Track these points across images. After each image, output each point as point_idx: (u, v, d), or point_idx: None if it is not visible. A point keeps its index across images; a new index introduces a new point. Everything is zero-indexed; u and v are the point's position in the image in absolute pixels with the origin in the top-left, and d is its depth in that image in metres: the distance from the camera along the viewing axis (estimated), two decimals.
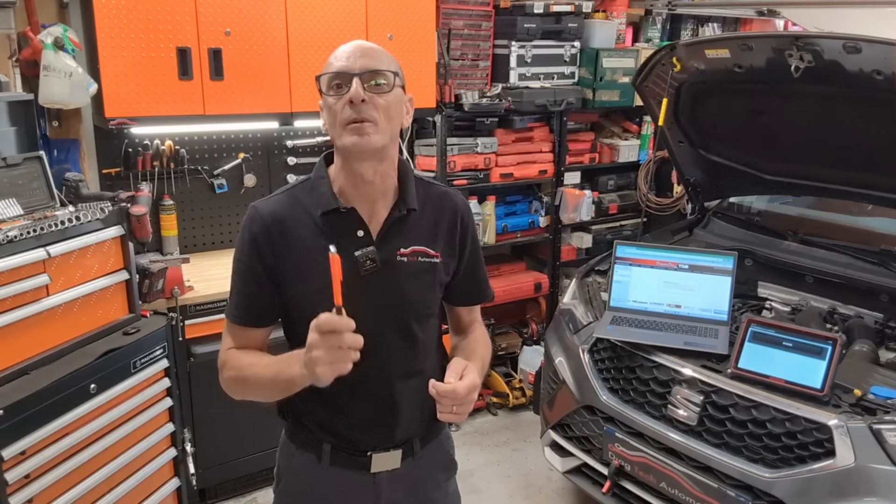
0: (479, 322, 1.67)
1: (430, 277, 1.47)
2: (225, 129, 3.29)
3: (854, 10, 3.53)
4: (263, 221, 1.40)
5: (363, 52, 1.35)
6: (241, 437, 2.96)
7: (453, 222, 1.51)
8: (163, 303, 2.73)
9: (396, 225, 1.43)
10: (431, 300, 1.49)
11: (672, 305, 2.66)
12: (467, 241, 1.54)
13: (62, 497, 2.11)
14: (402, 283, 1.43)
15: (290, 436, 1.55)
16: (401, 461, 1.50)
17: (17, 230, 2.03)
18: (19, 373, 2.06)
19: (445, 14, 3.49)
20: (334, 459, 1.48)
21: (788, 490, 2.05)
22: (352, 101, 1.31)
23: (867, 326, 2.53)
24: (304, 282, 1.39)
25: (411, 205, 1.44)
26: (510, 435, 3.69)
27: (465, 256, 1.54)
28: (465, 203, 1.55)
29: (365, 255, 1.38)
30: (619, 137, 4.20)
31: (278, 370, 1.36)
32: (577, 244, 4.15)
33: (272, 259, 1.40)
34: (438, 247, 1.47)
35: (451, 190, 1.56)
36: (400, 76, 1.39)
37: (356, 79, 1.31)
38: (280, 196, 1.46)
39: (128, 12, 2.69)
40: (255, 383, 1.40)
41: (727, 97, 2.86)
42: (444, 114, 3.49)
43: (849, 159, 2.68)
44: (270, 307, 1.44)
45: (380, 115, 1.33)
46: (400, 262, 1.43)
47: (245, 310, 1.44)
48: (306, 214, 1.41)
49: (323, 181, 1.43)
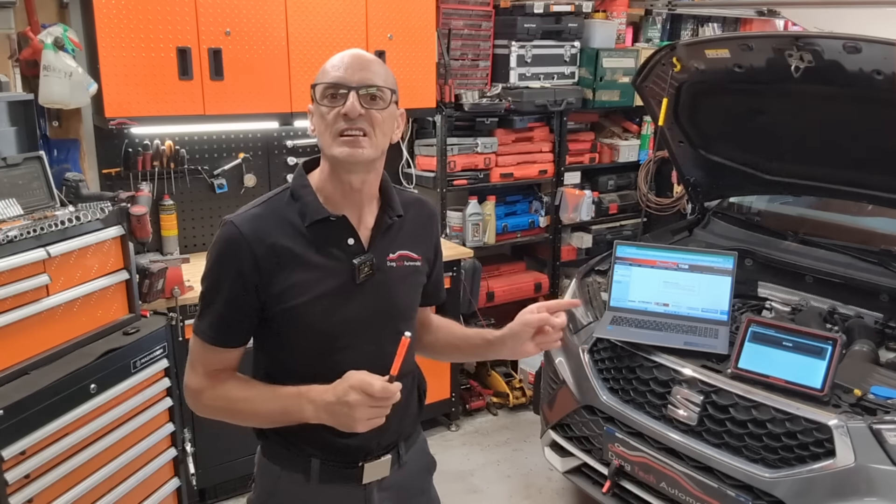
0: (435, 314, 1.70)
1: (415, 280, 1.49)
2: (225, 129, 3.29)
3: (854, 10, 3.53)
4: (245, 238, 1.32)
5: (361, 65, 1.32)
6: (241, 437, 2.91)
7: (429, 227, 1.55)
8: (163, 303, 2.73)
9: (384, 231, 1.43)
10: (416, 303, 1.52)
11: (672, 305, 2.66)
12: (438, 244, 1.58)
13: (62, 497, 2.11)
14: (393, 288, 1.43)
15: (271, 456, 1.47)
16: (389, 468, 1.48)
17: (17, 230, 2.03)
18: (19, 373, 2.06)
19: (445, 14, 3.49)
20: (324, 476, 1.42)
21: (788, 490, 2.05)
22: (347, 114, 1.29)
23: (867, 326, 2.53)
24: (294, 296, 1.34)
25: (398, 211, 1.45)
26: (510, 435, 3.69)
27: (437, 259, 1.57)
28: (435, 209, 1.60)
29: (363, 261, 1.38)
30: (619, 137, 4.21)
31: (284, 410, 1.32)
32: (577, 244, 4.15)
33: (257, 277, 1.33)
34: (419, 250, 1.49)
35: (422, 197, 1.59)
36: (396, 92, 1.37)
37: (353, 93, 1.29)
38: (257, 210, 1.38)
39: (128, 12, 2.69)
40: (250, 417, 1.38)
41: (727, 97, 2.86)
42: (444, 114, 3.49)
43: (849, 159, 2.68)
44: (250, 326, 1.38)
45: (374, 129, 1.32)
46: (390, 267, 1.43)
47: (223, 331, 1.37)
48: (290, 226, 1.36)
49: (306, 190, 1.39)
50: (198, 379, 1.39)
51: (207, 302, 1.37)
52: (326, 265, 1.36)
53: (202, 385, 1.38)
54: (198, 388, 1.39)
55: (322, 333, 1.37)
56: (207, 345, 1.38)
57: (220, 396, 1.37)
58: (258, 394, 1.36)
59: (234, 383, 1.38)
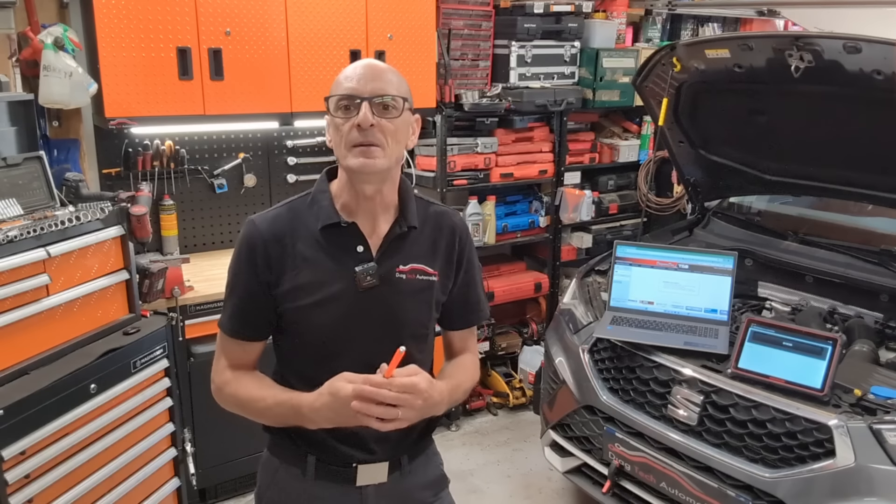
0: (471, 352, 1.62)
1: (428, 296, 1.46)
2: (225, 129, 3.29)
3: (854, 10, 3.53)
4: (262, 237, 1.39)
5: (374, 75, 1.33)
6: (241, 437, 2.95)
7: (451, 241, 1.50)
8: (163, 303, 2.73)
9: (396, 242, 1.42)
10: (427, 319, 1.48)
11: (672, 305, 2.66)
12: (463, 260, 1.52)
13: (62, 497, 2.11)
14: (399, 300, 1.42)
15: (274, 450, 1.53)
16: (388, 475, 1.47)
17: (17, 230, 2.03)
18: (19, 373, 2.06)
19: (445, 14, 3.49)
20: (319, 472, 1.45)
21: (788, 490, 2.05)
22: (360, 125, 1.30)
23: (867, 326, 2.53)
24: (300, 297, 1.38)
25: (412, 222, 1.43)
26: (510, 435, 3.69)
27: (461, 276, 1.52)
28: (464, 223, 1.55)
29: (365, 270, 1.38)
30: (619, 137, 4.20)
31: (284, 417, 1.38)
32: (577, 244, 4.15)
33: (269, 274, 1.39)
34: (436, 265, 1.47)
35: (449, 210, 1.55)
36: (409, 100, 1.38)
37: (365, 103, 1.31)
38: (279, 210, 1.44)
39: (128, 12, 2.69)
40: (258, 416, 1.43)
41: (727, 97, 2.86)
42: (444, 114, 3.49)
43: (849, 159, 2.68)
44: (266, 321, 1.43)
45: (387, 139, 1.33)
46: (399, 279, 1.42)
47: (240, 323, 1.44)
48: (305, 229, 1.40)
49: (324, 195, 1.42)
50: (221, 372, 1.46)
51: (228, 295, 1.45)
52: (334, 270, 1.38)
53: (225, 379, 1.45)
54: (221, 382, 1.46)
55: (323, 336, 1.40)
56: (228, 337, 1.45)
57: (235, 394, 1.43)
58: (265, 395, 1.40)
59: (249, 381, 1.44)
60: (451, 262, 1.50)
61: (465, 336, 1.60)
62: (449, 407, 1.44)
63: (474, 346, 1.63)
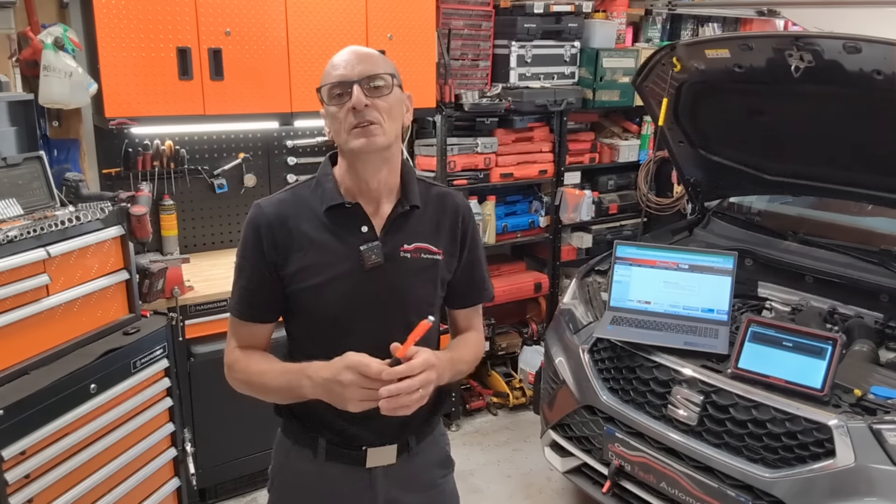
0: (476, 329, 1.65)
1: (433, 274, 1.49)
2: (225, 129, 3.29)
3: (854, 10, 3.53)
4: (267, 219, 1.42)
5: (359, 59, 1.37)
6: (241, 437, 2.96)
7: (455, 221, 1.53)
8: (163, 303, 2.73)
9: (400, 221, 1.45)
10: (433, 297, 1.50)
11: (672, 305, 2.66)
12: (467, 239, 1.55)
13: (62, 497, 2.11)
14: (405, 279, 1.45)
15: (286, 432, 1.56)
16: (396, 457, 1.51)
17: (17, 230, 2.03)
18: (19, 373, 2.06)
19: (445, 14, 3.49)
20: (330, 454, 1.49)
21: (788, 490, 2.05)
22: (355, 107, 1.33)
23: (867, 326, 2.53)
24: (307, 277, 1.41)
25: (414, 201, 1.46)
26: (510, 435, 3.69)
27: (465, 255, 1.55)
28: (466, 203, 1.58)
29: (370, 249, 1.41)
30: (619, 137, 4.20)
31: (287, 385, 1.39)
32: (577, 244, 4.15)
33: (275, 255, 1.41)
34: (440, 244, 1.49)
35: (452, 190, 1.59)
36: (397, 77, 1.41)
37: (356, 85, 1.34)
38: (284, 194, 1.48)
39: (128, 12, 2.69)
40: (264, 391, 1.44)
41: (727, 97, 2.86)
42: (444, 114, 3.49)
43: (849, 159, 2.68)
44: (273, 303, 1.46)
45: (383, 117, 1.36)
46: (403, 257, 1.45)
47: (248, 305, 1.47)
48: (310, 211, 1.43)
49: (328, 178, 1.46)
50: (231, 352, 1.49)
51: (236, 278, 1.48)
52: (340, 250, 1.41)
53: (235, 357, 1.47)
54: (231, 361, 1.48)
55: (330, 316, 1.43)
56: (238, 320, 1.48)
57: (243, 370, 1.46)
58: (271, 369, 1.43)
59: (256, 358, 1.46)
60: (455, 242, 1.53)
61: (470, 315, 1.64)
62: (451, 378, 1.48)
63: (479, 324, 1.67)
